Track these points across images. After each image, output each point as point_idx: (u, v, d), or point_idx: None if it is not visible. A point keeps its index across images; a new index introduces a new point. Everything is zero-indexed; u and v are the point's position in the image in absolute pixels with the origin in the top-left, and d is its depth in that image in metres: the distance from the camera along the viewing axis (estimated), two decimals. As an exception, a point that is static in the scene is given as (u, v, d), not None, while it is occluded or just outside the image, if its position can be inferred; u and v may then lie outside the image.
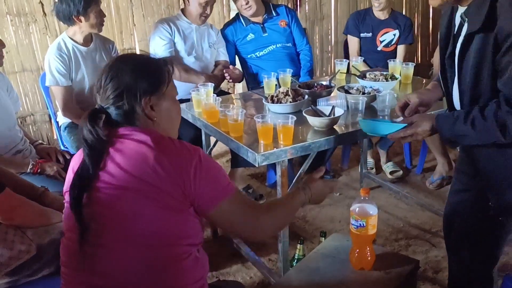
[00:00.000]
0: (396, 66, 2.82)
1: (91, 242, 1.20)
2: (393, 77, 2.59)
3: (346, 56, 3.58)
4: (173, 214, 1.21)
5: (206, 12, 3.04)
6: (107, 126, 1.29)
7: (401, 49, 3.46)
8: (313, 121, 2.06)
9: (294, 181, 2.73)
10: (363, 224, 2.22)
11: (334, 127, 2.09)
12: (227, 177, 1.31)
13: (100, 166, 1.23)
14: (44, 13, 3.61)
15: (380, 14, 3.45)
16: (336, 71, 2.93)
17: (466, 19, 1.48)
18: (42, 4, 3.58)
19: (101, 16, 2.65)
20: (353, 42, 3.48)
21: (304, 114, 2.10)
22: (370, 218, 2.23)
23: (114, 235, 1.20)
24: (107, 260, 1.21)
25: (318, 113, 2.13)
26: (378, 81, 2.54)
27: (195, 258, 1.28)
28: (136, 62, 1.36)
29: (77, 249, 1.21)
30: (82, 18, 2.58)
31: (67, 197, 1.30)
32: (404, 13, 4.73)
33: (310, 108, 2.16)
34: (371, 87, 2.42)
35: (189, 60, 3.08)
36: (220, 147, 3.54)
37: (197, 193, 1.22)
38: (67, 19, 2.60)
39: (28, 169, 2.19)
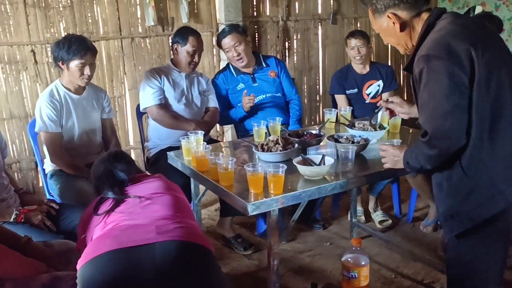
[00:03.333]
0: (384, 117, 2.86)
1: None
2: (381, 127, 2.62)
3: (334, 106, 3.64)
4: None
5: (194, 60, 3.10)
6: None
7: (385, 96, 3.53)
8: (303, 170, 2.06)
9: (284, 230, 2.70)
10: (355, 275, 2.20)
11: (325, 176, 2.08)
12: None
13: None
14: (36, 61, 3.65)
15: (361, 68, 3.55)
16: (325, 120, 2.96)
17: None
18: (34, 53, 3.63)
19: (82, 72, 2.60)
20: (341, 99, 3.55)
21: (295, 163, 2.09)
22: (362, 269, 2.21)
23: None
24: None
25: (308, 162, 2.13)
26: (367, 130, 2.57)
27: None
28: None
29: None
30: (65, 66, 2.61)
31: None
32: (390, 65, 4.87)
33: (300, 157, 2.16)
34: (360, 137, 2.44)
35: (179, 107, 3.10)
36: (209, 196, 3.50)
37: None
38: (54, 62, 2.64)
39: (12, 218, 2.13)
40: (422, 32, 1.69)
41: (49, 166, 2.72)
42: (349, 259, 2.22)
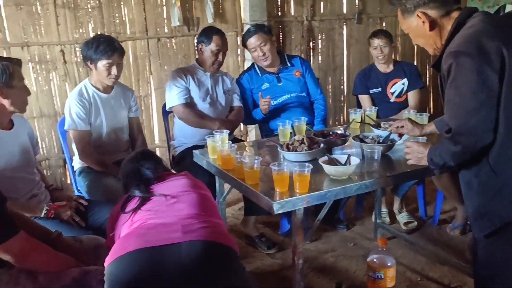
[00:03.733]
0: (411, 116, 2.83)
1: None
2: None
3: (359, 106, 3.61)
4: None
5: (218, 59, 3.12)
6: None
7: (412, 95, 3.48)
8: (329, 169, 2.06)
9: (309, 229, 2.69)
10: (381, 276, 2.18)
11: (350, 176, 2.08)
12: None
13: None
14: (65, 61, 3.73)
15: (385, 68, 3.51)
16: (350, 120, 2.95)
17: None
18: (63, 53, 3.71)
19: (110, 71, 2.66)
20: (364, 99, 3.52)
21: (320, 163, 2.09)
22: (388, 270, 2.19)
23: None
24: None
25: (334, 162, 2.12)
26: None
27: None
28: None
29: None
30: (93, 65, 2.66)
31: None
32: (415, 64, 4.81)
33: (325, 156, 2.16)
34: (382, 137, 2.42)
35: (204, 106, 3.13)
36: (233, 195, 3.53)
37: None
38: (84, 61, 2.71)
39: (42, 214, 2.18)
40: (452, 29, 1.67)
41: (77, 163, 2.77)
42: (374, 260, 2.20)
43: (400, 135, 2.34)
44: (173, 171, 2.95)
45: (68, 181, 3.84)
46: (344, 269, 2.80)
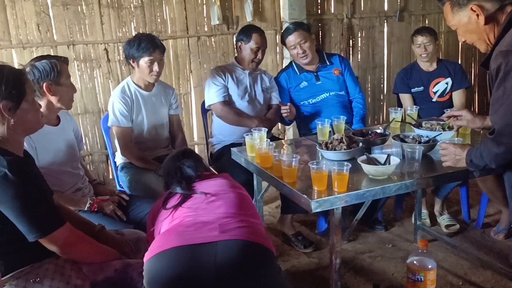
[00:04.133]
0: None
1: None
2: (450, 128, 2.52)
3: (399, 105, 3.54)
4: None
5: (257, 57, 3.14)
6: None
7: (457, 95, 3.39)
8: (368, 169, 2.03)
9: (347, 229, 2.67)
10: (421, 278, 2.13)
11: (389, 176, 2.04)
12: None
13: None
14: (108, 59, 3.83)
15: (428, 66, 3.43)
16: (390, 119, 2.90)
17: None
18: (107, 51, 3.81)
19: (152, 68, 2.71)
20: (405, 98, 3.45)
21: (359, 162, 2.07)
22: (428, 272, 2.14)
23: None
24: None
25: (373, 161, 2.10)
26: (435, 130, 2.49)
27: None
28: None
29: None
30: (135, 63, 2.72)
31: None
32: (460, 63, 4.67)
33: (365, 156, 2.13)
34: (427, 137, 2.37)
35: (242, 104, 3.15)
36: (270, 193, 3.53)
37: None
38: (126, 60, 2.78)
39: (86, 207, 2.26)
40: (503, 26, 1.61)
41: (120, 159, 2.85)
42: (414, 262, 2.16)
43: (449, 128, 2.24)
44: (212, 169, 3.00)
45: (110, 176, 3.95)
46: (382, 270, 2.76)
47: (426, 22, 4.86)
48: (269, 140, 2.43)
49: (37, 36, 3.61)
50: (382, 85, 4.91)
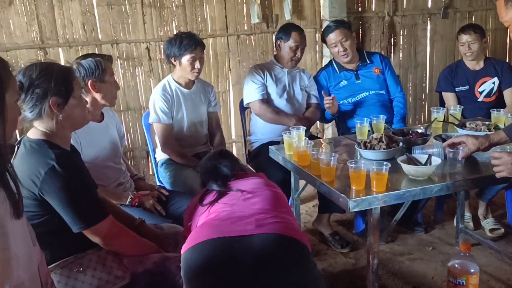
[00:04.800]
0: (501, 116, 2.66)
1: None
2: (496, 128, 2.44)
3: (442, 104, 3.45)
4: None
5: (296, 55, 3.13)
6: None
7: (509, 94, 3.26)
8: (408, 169, 1.99)
9: (385, 230, 2.63)
10: (463, 282, 2.07)
11: (430, 176, 2.00)
12: None
13: None
14: (150, 58, 3.91)
15: (474, 64, 3.32)
16: (432, 119, 2.83)
17: None
18: (149, 50, 3.90)
19: (194, 65, 2.76)
20: (449, 97, 3.36)
21: (399, 162, 2.03)
22: (471, 276, 2.08)
23: None
24: None
25: (413, 162, 2.05)
26: (480, 131, 2.41)
27: None
28: None
29: None
30: (177, 62, 2.77)
31: None
32: (508, 61, 4.50)
33: (405, 156, 2.09)
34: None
35: (281, 102, 3.15)
36: (307, 192, 3.51)
37: None
38: (167, 59, 2.82)
39: (127, 201, 2.32)
40: None
41: (160, 155, 2.91)
42: (456, 265, 2.10)
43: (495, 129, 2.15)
44: (249, 167, 3.02)
45: (150, 172, 4.03)
46: (421, 273, 2.70)
47: (473, 19, 4.71)
48: (307, 138, 2.42)
49: (83, 35, 3.73)
50: (424, 84, 4.79)
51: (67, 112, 1.67)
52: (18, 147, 1.70)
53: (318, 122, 4.19)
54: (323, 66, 3.67)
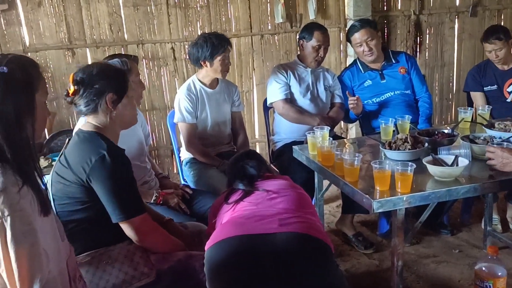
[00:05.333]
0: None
1: None
2: (527, 128, 2.38)
3: (470, 104, 3.38)
4: None
5: (319, 55, 3.11)
6: None
7: None
8: (434, 170, 1.97)
9: (410, 231, 2.60)
10: (489, 285, 2.03)
11: (457, 178, 1.96)
12: None
13: None
14: (175, 58, 3.96)
15: (503, 64, 3.24)
16: (459, 119, 2.78)
17: None
18: (174, 50, 3.94)
19: (225, 64, 2.80)
20: (477, 97, 3.29)
21: (424, 163, 2.01)
22: (498, 280, 2.04)
23: None
24: None
25: (439, 162, 2.02)
26: (510, 131, 2.36)
27: None
28: None
29: None
30: (208, 64, 2.78)
31: None
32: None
33: (430, 156, 2.06)
34: (500, 138, 2.25)
35: (305, 102, 3.14)
36: (330, 192, 3.50)
37: None
38: (196, 62, 2.83)
39: (152, 200, 2.35)
40: None
41: (184, 154, 2.94)
42: (483, 268, 2.06)
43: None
44: (273, 166, 3.02)
45: (175, 171, 4.08)
46: (447, 276, 2.65)
47: (502, 17, 4.61)
48: (331, 138, 2.41)
49: (109, 36, 3.80)
50: (451, 84, 4.71)
51: (120, 110, 1.78)
52: (69, 139, 1.82)
53: (342, 122, 4.17)
54: (347, 65, 3.65)
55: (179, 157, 3.03)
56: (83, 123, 1.84)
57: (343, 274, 1.88)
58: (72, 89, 1.73)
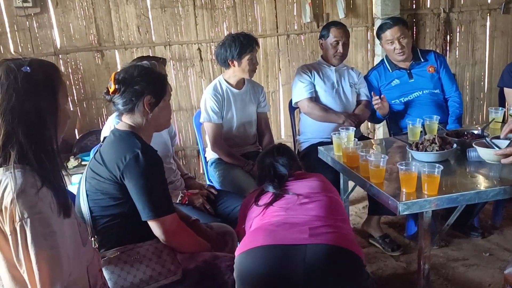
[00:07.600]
0: None
1: None
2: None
3: (502, 104, 3.29)
4: None
5: (338, 50, 3.09)
6: None
7: None
8: (484, 153, 1.98)
9: (437, 234, 2.55)
10: (520, 291, 1.97)
11: (487, 179, 1.92)
12: None
13: None
14: (201, 59, 4.00)
15: None
16: (490, 119, 2.71)
17: None
18: (200, 51, 3.98)
19: (253, 63, 2.81)
20: (511, 94, 3.19)
21: (475, 146, 2.02)
22: (529, 286, 1.98)
23: None
24: None
25: (491, 146, 2.02)
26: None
27: None
28: None
29: None
30: (235, 63, 2.79)
31: None
32: None
33: (483, 140, 2.07)
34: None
35: (330, 100, 3.12)
36: (357, 193, 3.47)
37: None
38: (223, 62, 2.84)
39: (178, 200, 2.37)
40: None
41: (210, 154, 2.96)
42: (513, 273, 2.00)
43: None
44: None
45: (201, 171, 4.12)
46: (477, 280, 2.59)
47: (536, 14, 4.47)
48: (356, 139, 2.39)
49: (137, 38, 3.86)
50: (482, 83, 4.60)
51: (156, 112, 1.82)
52: (104, 138, 1.86)
53: (369, 122, 4.12)
54: (374, 65, 3.60)
55: (205, 157, 3.06)
56: (113, 123, 1.88)
57: (373, 284, 1.85)
58: (112, 87, 1.78)
